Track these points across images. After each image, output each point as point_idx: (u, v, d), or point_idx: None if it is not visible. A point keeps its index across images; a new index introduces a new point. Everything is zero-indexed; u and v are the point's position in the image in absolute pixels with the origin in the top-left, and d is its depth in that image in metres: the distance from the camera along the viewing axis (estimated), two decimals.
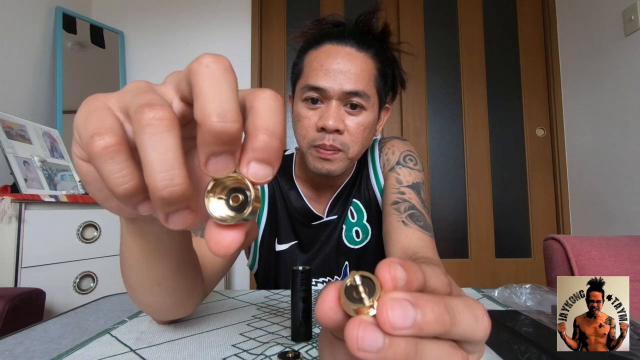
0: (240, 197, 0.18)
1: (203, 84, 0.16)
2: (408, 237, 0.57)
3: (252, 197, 0.17)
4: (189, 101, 0.19)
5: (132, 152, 0.17)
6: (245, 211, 0.17)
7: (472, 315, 0.15)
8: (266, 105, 0.18)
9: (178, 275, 0.35)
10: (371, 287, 0.14)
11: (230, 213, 0.18)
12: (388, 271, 0.14)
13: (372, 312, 0.14)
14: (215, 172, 0.17)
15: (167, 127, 0.16)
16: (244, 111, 0.18)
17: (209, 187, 0.18)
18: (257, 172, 0.17)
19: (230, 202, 0.18)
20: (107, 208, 0.22)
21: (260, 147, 0.17)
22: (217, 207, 0.18)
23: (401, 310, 0.13)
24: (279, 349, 0.36)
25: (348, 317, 0.14)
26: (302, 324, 0.38)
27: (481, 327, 0.15)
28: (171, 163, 0.16)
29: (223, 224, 0.18)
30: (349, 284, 0.15)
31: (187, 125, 0.20)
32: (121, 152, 0.17)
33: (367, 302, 0.14)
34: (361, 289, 0.14)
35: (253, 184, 0.17)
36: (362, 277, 0.15)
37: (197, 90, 0.16)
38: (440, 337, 0.15)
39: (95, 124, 0.17)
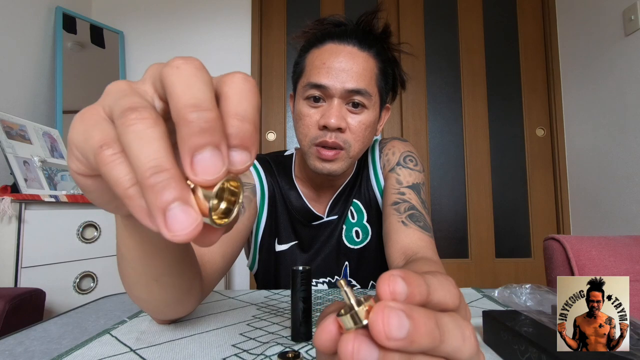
0: (224, 205, 0.18)
1: (174, 82, 0.16)
2: (408, 237, 0.57)
3: (238, 206, 0.18)
4: (165, 100, 0.19)
5: None
6: (229, 219, 0.18)
7: (460, 334, 0.15)
8: (235, 90, 0.18)
9: (175, 271, 0.35)
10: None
11: (216, 221, 0.17)
12: (387, 284, 0.14)
13: (366, 321, 0.14)
14: (204, 173, 0.16)
15: (151, 124, 0.16)
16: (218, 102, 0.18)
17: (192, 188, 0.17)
18: (234, 159, 0.17)
19: (215, 212, 0.18)
20: (106, 209, 0.23)
21: (233, 134, 0.17)
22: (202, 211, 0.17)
23: (397, 319, 0.13)
24: (279, 349, 0.36)
25: None
26: (302, 324, 0.38)
27: (467, 347, 0.15)
28: (156, 150, 0.15)
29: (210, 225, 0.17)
30: (346, 304, 0.15)
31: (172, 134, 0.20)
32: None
33: (356, 306, 0.14)
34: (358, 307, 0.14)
35: (235, 173, 0.17)
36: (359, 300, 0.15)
37: (170, 91, 0.17)
38: (426, 354, 0.14)
39: (99, 136, 0.17)
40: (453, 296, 0.16)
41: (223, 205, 0.18)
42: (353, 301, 0.14)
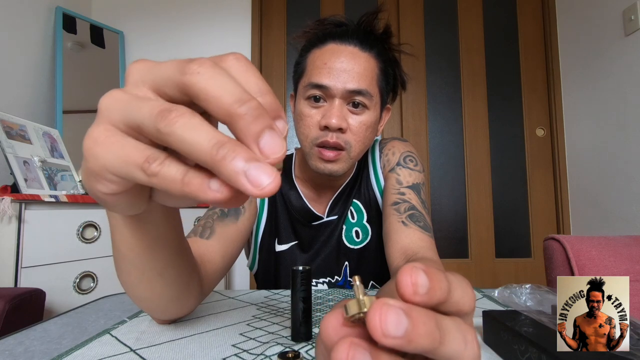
0: None
1: (206, 88, 0.17)
2: (408, 237, 0.57)
3: None
4: (175, 101, 0.19)
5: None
6: None
7: (462, 338, 0.14)
8: (236, 71, 0.18)
9: (177, 263, 0.35)
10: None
11: None
12: (410, 275, 0.14)
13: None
14: (273, 152, 0.17)
15: (191, 115, 0.17)
16: None
17: None
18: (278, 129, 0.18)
19: None
20: (124, 214, 0.26)
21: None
22: None
23: (395, 317, 0.13)
24: (279, 349, 0.36)
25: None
26: (302, 324, 0.38)
27: (469, 352, 0.14)
28: (209, 131, 0.16)
29: None
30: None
31: None
32: (169, 158, 0.18)
33: (362, 297, 0.14)
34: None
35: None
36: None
37: (204, 96, 0.17)
38: (426, 357, 0.14)
39: (137, 154, 0.18)
40: (470, 299, 0.16)
41: None
42: (361, 295, 0.14)
